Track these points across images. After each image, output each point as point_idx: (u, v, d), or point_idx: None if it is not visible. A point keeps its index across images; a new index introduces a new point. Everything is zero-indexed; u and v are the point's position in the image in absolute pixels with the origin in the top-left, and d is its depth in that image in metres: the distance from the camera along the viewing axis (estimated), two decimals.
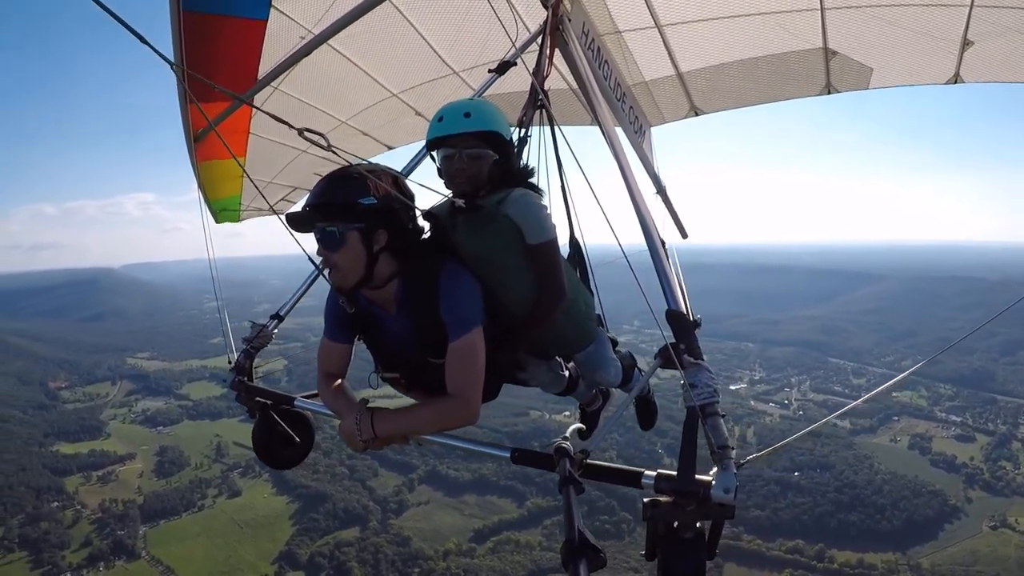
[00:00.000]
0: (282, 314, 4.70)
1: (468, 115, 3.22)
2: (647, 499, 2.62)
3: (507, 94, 6.64)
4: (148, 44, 1.96)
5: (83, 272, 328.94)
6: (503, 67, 4.75)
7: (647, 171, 7.41)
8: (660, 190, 7.81)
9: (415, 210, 3.16)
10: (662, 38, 6.06)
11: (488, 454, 3.31)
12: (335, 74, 6.21)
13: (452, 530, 71.43)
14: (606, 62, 5.86)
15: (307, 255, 3.31)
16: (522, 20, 4.82)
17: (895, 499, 70.50)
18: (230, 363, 4.45)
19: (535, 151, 4.43)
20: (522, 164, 4.04)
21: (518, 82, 5.41)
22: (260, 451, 4.40)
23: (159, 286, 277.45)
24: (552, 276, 3.30)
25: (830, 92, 6.43)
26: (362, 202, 2.89)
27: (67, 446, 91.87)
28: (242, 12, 4.84)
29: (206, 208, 6.68)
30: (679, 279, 3.48)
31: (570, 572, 2.31)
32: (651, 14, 5.70)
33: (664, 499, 2.61)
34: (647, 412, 5.56)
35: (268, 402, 4.27)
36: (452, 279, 3.06)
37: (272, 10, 4.88)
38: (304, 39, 5.10)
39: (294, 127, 2.42)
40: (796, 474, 76.21)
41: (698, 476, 2.58)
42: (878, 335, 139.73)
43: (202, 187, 6.39)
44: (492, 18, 4.42)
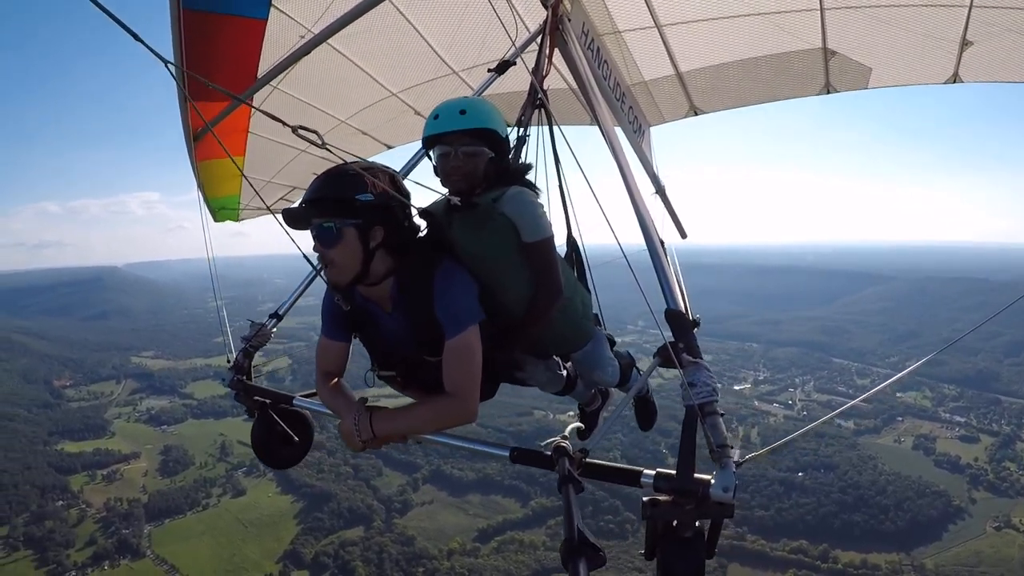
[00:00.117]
0: (281, 313, 4.71)
1: (463, 112, 3.21)
2: (646, 498, 2.62)
3: (506, 94, 6.64)
4: (144, 43, 1.97)
5: (87, 270, 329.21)
6: (503, 67, 4.74)
7: (646, 171, 7.42)
8: (659, 190, 7.80)
9: (411, 208, 3.15)
10: (662, 38, 6.05)
11: (487, 453, 3.30)
12: (335, 73, 6.22)
13: (456, 530, 71.54)
14: (605, 62, 5.86)
15: (303, 254, 3.32)
16: (522, 20, 4.82)
17: (899, 500, 70.46)
18: (229, 362, 4.46)
19: (534, 150, 4.41)
20: (519, 162, 4.05)
21: (517, 82, 5.42)
22: (259, 450, 4.42)
23: (163, 285, 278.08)
24: (548, 274, 3.29)
25: (829, 92, 6.43)
26: (359, 198, 2.89)
27: (72, 445, 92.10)
28: (242, 11, 4.84)
29: (206, 207, 6.71)
30: (678, 279, 3.48)
31: (570, 571, 2.32)
32: (651, 14, 5.68)
33: (663, 498, 2.62)
34: (646, 412, 5.53)
35: (267, 401, 4.27)
36: (447, 277, 3.05)
37: (272, 9, 4.88)
38: (304, 38, 5.10)
39: (288, 124, 2.41)
40: (800, 474, 76.25)
41: (697, 475, 2.58)
42: (882, 336, 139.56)
43: (201, 186, 6.41)
44: (492, 17, 4.43)
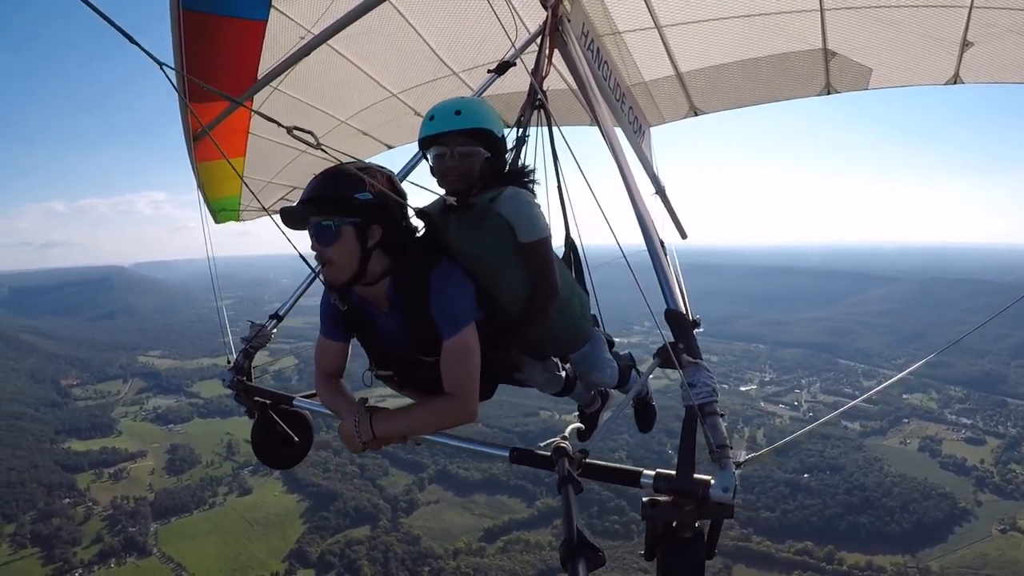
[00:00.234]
0: (281, 314, 4.70)
1: (459, 113, 3.21)
2: (646, 498, 2.62)
3: (506, 94, 6.64)
4: (141, 48, 1.98)
5: (95, 270, 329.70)
6: (502, 67, 4.73)
7: (646, 171, 7.41)
8: (659, 190, 7.78)
9: (408, 208, 3.16)
10: (662, 39, 6.05)
11: (487, 454, 3.30)
12: (335, 74, 6.22)
13: (462, 529, 71.69)
14: (605, 62, 5.85)
15: (300, 255, 3.33)
16: (522, 20, 4.82)
17: (905, 501, 70.30)
18: (229, 363, 4.46)
19: (534, 151, 4.40)
20: (516, 163, 4.05)
21: (517, 82, 5.39)
22: (259, 451, 4.42)
23: (170, 284, 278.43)
24: (545, 275, 3.29)
25: (830, 92, 6.41)
26: (358, 197, 2.89)
27: (79, 443, 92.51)
28: (242, 12, 4.85)
29: (206, 208, 6.69)
30: (678, 279, 3.48)
31: (569, 571, 2.32)
32: (651, 15, 5.69)
33: (663, 498, 2.62)
34: (646, 414, 5.48)
35: (267, 402, 4.27)
36: (444, 277, 3.05)
37: (272, 10, 4.89)
38: (304, 39, 5.12)
39: (283, 125, 2.43)
40: (806, 476, 76.12)
41: (697, 475, 2.58)
42: (888, 337, 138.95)
43: (201, 187, 6.41)
44: (492, 18, 4.44)
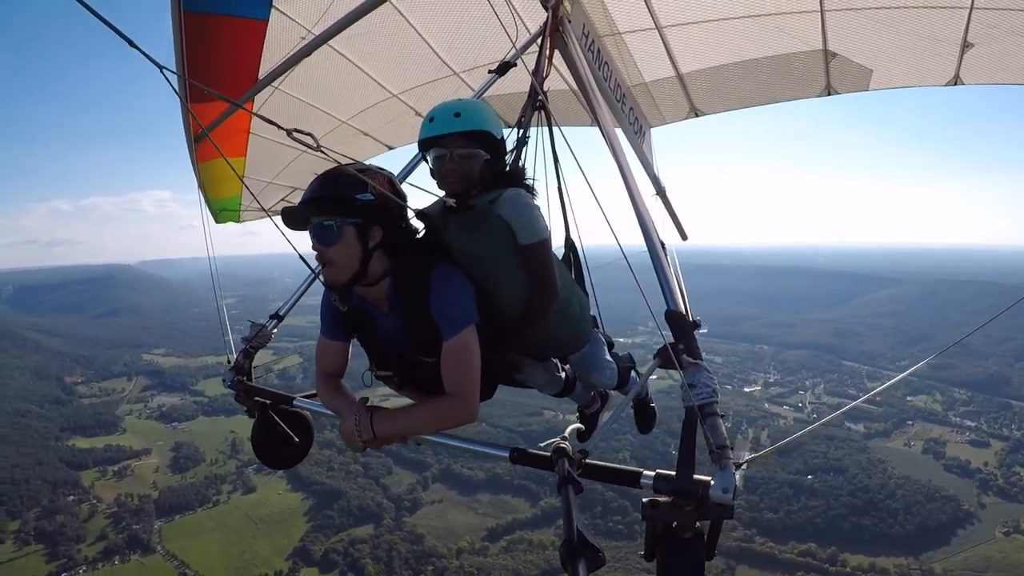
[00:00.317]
0: (281, 314, 4.70)
1: (458, 115, 3.21)
2: (646, 499, 2.63)
3: (507, 95, 6.65)
4: (141, 51, 2.00)
5: (99, 268, 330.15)
6: (503, 68, 4.74)
7: (647, 172, 7.40)
8: (660, 191, 7.77)
9: (408, 210, 3.17)
10: (662, 39, 6.05)
11: (487, 454, 3.30)
12: (335, 75, 6.21)
13: (465, 528, 71.71)
14: (606, 63, 5.85)
15: (300, 255, 3.34)
16: (522, 21, 4.82)
17: (908, 503, 70.15)
18: (229, 363, 4.47)
19: (534, 152, 4.41)
20: (516, 165, 4.06)
21: (518, 83, 5.40)
22: (259, 451, 4.43)
23: (175, 282, 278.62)
24: (544, 276, 3.29)
25: (830, 93, 6.40)
26: (359, 198, 2.91)
27: (83, 441, 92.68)
28: (243, 11, 4.86)
29: (207, 208, 6.66)
30: (679, 280, 3.48)
31: (569, 572, 2.32)
32: (651, 15, 5.69)
33: (663, 499, 2.62)
34: (645, 415, 5.47)
35: (267, 402, 4.28)
36: (443, 279, 3.06)
37: (273, 10, 4.89)
38: (304, 39, 5.13)
39: (283, 128, 2.43)
40: (810, 477, 76.00)
41: (697, 476, 2.59)
42: (893, 339, 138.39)
43: (202, 187, 6.40)
44: (492, 19, 4.43)
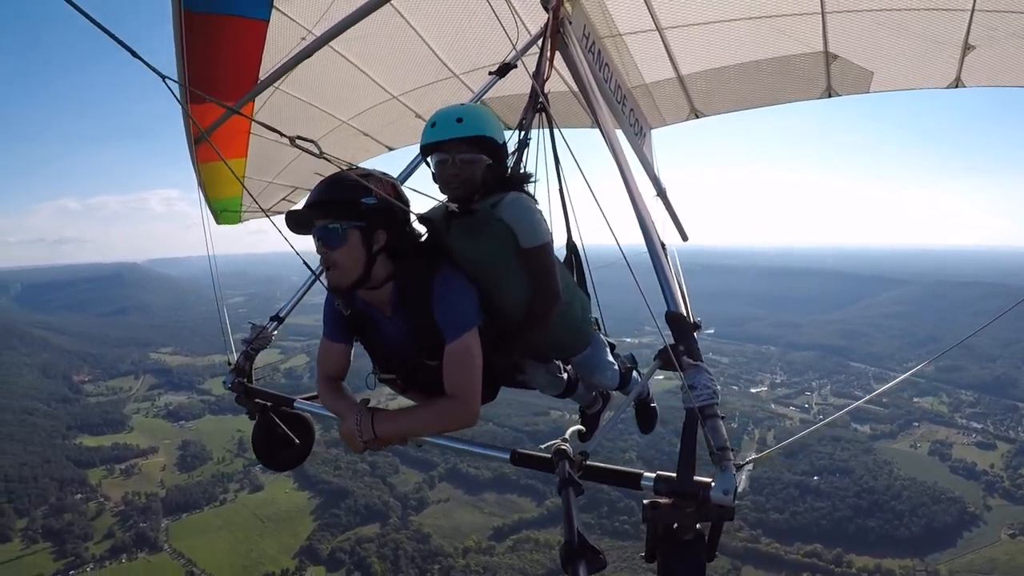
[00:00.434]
0: (282, 316, 4.70)
1: (460, 120, 3.21)
2: (646, 501, 2.64)
3: (507, 96, 6.65)
4: (144, 61, 2.03)
5: (107, 267, 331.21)
6: (503, 70, 4.72)
7: (647, 173, 7.37)
8: (660, 192, 7.74)
9: (411, 214, 3.19)
10: (663, 41, 6.03)
11: (488, 456, 3.31)
12: (336, 75, 6.22)
13: (472, 528, 71.77)
14: (606, 65, 5.83)
15: (300, 256, 3.36)
16: (522, 23, 4.81)
17: (914, 505, 69.92)
18: (229, 364, 4.46)
19: (535, 153, 4.40)
20: (517, 168, 4.07)
21: (518, 84, 5.39)
22: (260, 452, 4.43)
23: (182, 281, 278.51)
24: (546, 279, 3.31)
25: (831, 95, 6.37)
26: (365, 201, 2.93)
27: (90, 439, 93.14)
28: (244, 12, 4.87)
29: (208, 209, 6.65)
30: (679, 281, 3.49)
31: (570, 573, 2.33)
32: (652, 17, 5.67)
33: (664, 501, 2.63)
34: (646, 415, 5.51)
35: (267, 403, 4.28)
36: (446, 282, 3.08)
37: (274, 11, 4.91)
38: (305, 40, 5.11)
39: (286, 135, 2.46)
40: (816, 478, 75.83)
41: (697, 478, 2.59)
42: (900, 340, 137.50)
43: (203, 188, 6.40)
44: (492, 21, 4.43)
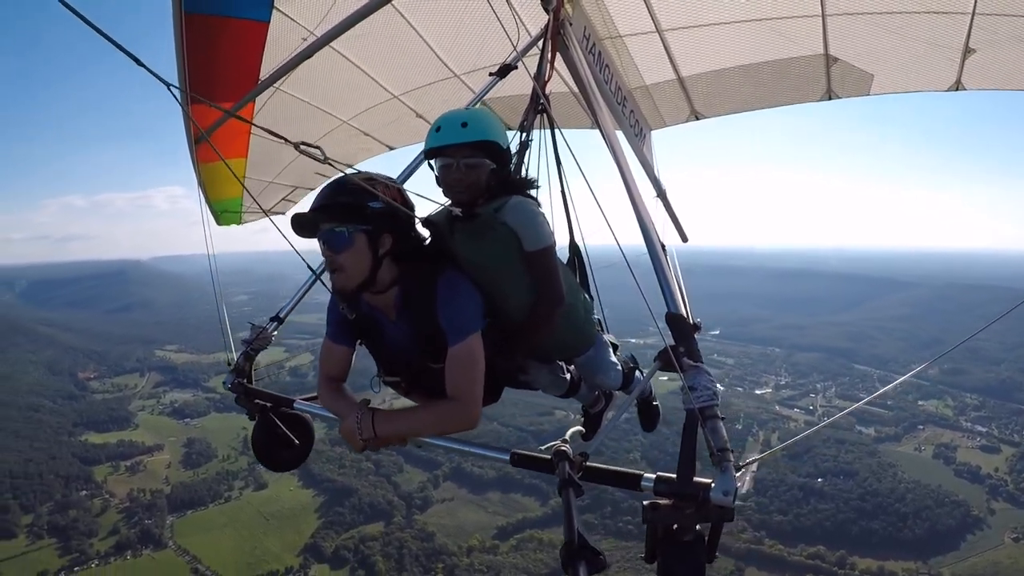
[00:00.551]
0: (282, 316, 4.70)
1: (465, 125, 3.21)
2: (646, 502, 2.64)
3: (508, 97, 6.67)
4: (147, 68, 2.04)
5: (112, 264, 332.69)
6: (504, 70, 4.74)
7: (647, 175, 7.36)
8: (660, 194, 7.74)
9: (416, 219, 3.21)
10: (663, 42, 6.05)
11: (487, 456, 3.31)
12: (337, 75, 6.24)
13: (476, 527, 71.65)
14: (607, 66, 5.85)
15: (301, 256, 3.37)
16: (523, 24, 4.81)
17: (918, 508, 69.63)
18: (229, 364, 4.47)
19: (536, 154, 4.45)
20: (520, 173, 4.08)
21: (519, 85, 5.43)
22: (259, 453, 4.43)
23: (187, 278, 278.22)
24: (550, 282, 3.31)
25: (831, 98, 6.40)
26: (371, 205, 2.95)
27: (96, 436, 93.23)
28: (244, 13, 4.88)
29: (208, 209, 6.61)
30: (679, 282, 3.49)
31: (570, 574, 2.33)
32: (652, 19, 5.69)
33: (663, 502, 2.64)
34: (649, 414, 5.55)
35: (267, 404, 4.27)
36: (451, 286, 3.09)
37: (274, 11, 4.92)
38: (306, 40, 5.11)
39: (290, 141, 2.47)
40: (819, 480, 75.58)
41: (697, 479, 2.60)
42: (905, 343, 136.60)
43: (203, 189, 6.39)
44: (493, 21, 4.45)
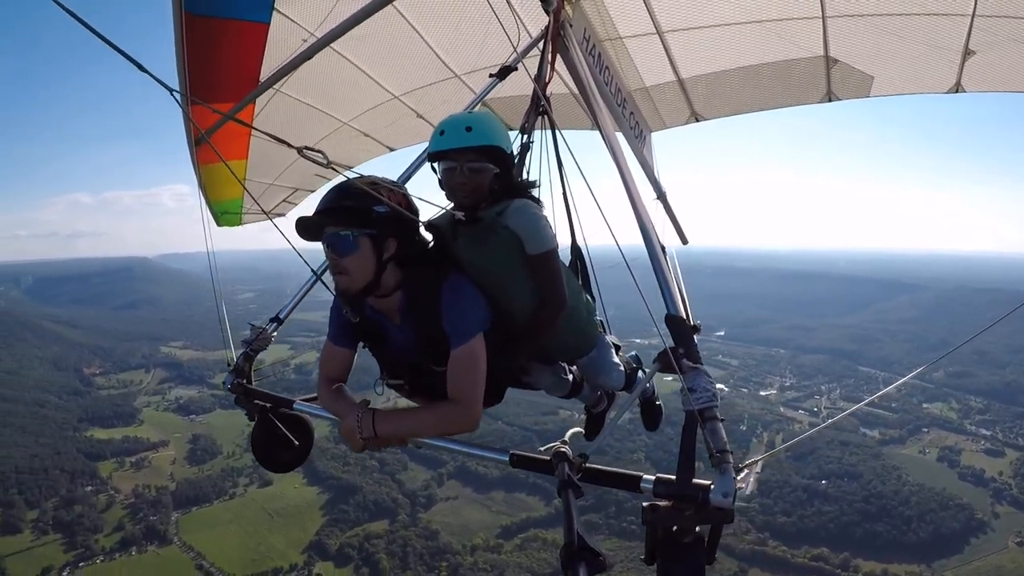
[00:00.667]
0: (282, 317, 4.68)
1: (469, 129, 3.21)
2: (646, 503, 2.64)
3: (508, 98, 6.66)
4: (150, 73, 2.08)
5: (118, 261, 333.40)
6: (504, 72, 4.77)
7: (648, 176, 7.33)
8: (660, 195, 7.70)
9: (420, 224, 3.22)
10: (663, 44, 6.03)
11: (487, 458, 3.32)
12: (337, 76, 6.22)
13: (480, 525, 72.00)
14: (607, 68, 5.83)
15: (302, 257, 3.39)
16: (523, 25, 4.77)
17: (922, 511, 69.62)
18: (229, 365, 4.48)
19: (538, 155, 4.47)
20: (523, 177, 4.09)
21: (520, 86, 5.43)
22: (259, 454, 4.42)
23: (193, 275, 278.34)
24: (553, 285, 3.32)
25: (831, 100, 6.38)
26: (376, 210, 2.96)
27: (101, 432, 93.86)
28: (244, 14, 4.86)
29: (208, 211, 6.60)
30: (679, 284, 3.50)
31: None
32: (652, 20, 5.68)
33: (663, 503, 2.64)
34: (651, 413, 5.58)
35: (267, 405, 4.26)
36: (454, 290, 3.10)
37: (275, 13, 4.90)
38: (306, 42, 5.09)
39: (293, 146, 2.49)
40: (824, 482, 75.64)
41: (697, 480, 2.60)
42: (911, 345, 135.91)
43: (204, 190, 6.37)
44: (493, 22, 4.44)
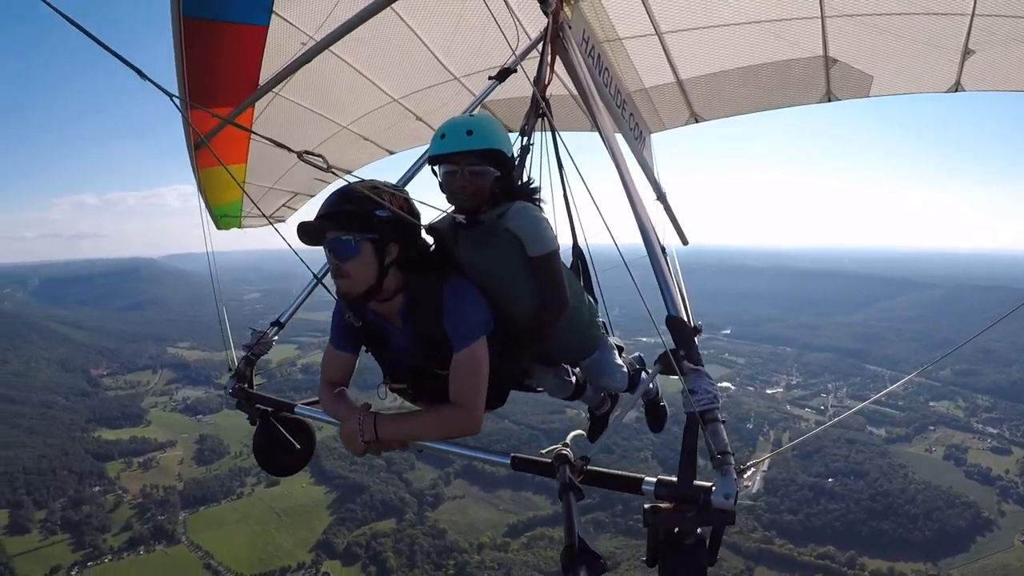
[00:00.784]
0: (283, 321, 4.68)
1: (470, 132, 3.21)
2: (648, 505, 2.63)
3: (508, 99, 6.66)
4: (151, 80, 2.09)
5: (124, 261, 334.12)
6: (503, 74, 4.77)
7: (647, 177, 7.35)
8: (660, 196, 7.73)
9: (421, 227, 3.23)
10: (662, 45, 6.04)
11: (488, 460, 3.32)
12: (336, 79, 6.22)
13: (487, 524, 72.02)
14: (606, 69, 5.84)
15: (303, 262, 3.41)
16: (522, 27, 4.79)
17: (928, 509, 69.41)
18: (230, 368, 4.45)
19: (539, 157, 4.47)
20: (523, 180, 4.11)
21: (519, 87, 5.42)
22: (261, 458, 4.44)
23: (199, 276, 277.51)
24: (554, 287, 3.32)
25: (831, 100, 6.39)
26: (378, 214, 2.97)
27: (109, 432, 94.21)
28: (243, 18, 4.86)
29: (208, 214, 6.58)
30: (679, 285, 3.50)
31: None
32: (651, 21, 5.68)
33: (664, 505, 2.63)
34: (656, 414, 5.55)
35: (268, 409, 4.27)
36: (456, 293, 3.11)
37: (273, 16, 4.90)
38: (305, 45, 5.11)
39: (293, 151, 2.50)
40: (830, 480, 75.47)
41: (698, 482, 2.61)
42: (917, 343, 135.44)
43: (203, 194, 6.36)
44: (492, 24, 4.45)
